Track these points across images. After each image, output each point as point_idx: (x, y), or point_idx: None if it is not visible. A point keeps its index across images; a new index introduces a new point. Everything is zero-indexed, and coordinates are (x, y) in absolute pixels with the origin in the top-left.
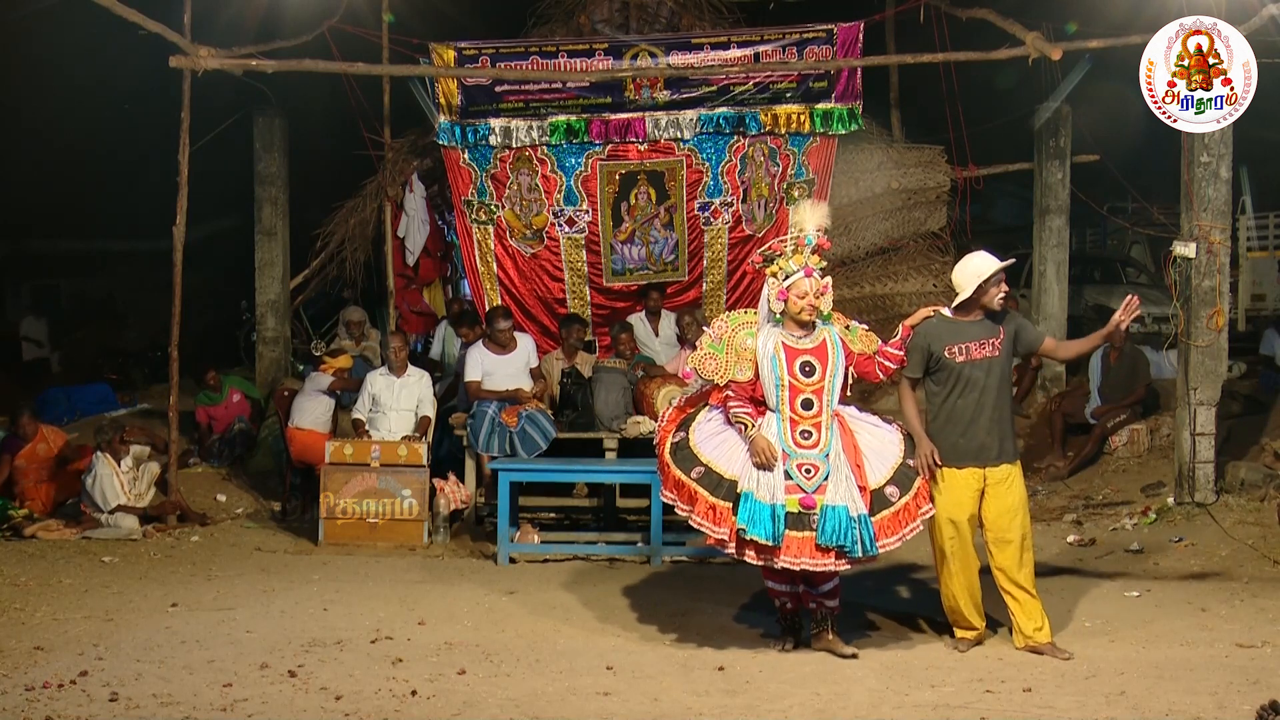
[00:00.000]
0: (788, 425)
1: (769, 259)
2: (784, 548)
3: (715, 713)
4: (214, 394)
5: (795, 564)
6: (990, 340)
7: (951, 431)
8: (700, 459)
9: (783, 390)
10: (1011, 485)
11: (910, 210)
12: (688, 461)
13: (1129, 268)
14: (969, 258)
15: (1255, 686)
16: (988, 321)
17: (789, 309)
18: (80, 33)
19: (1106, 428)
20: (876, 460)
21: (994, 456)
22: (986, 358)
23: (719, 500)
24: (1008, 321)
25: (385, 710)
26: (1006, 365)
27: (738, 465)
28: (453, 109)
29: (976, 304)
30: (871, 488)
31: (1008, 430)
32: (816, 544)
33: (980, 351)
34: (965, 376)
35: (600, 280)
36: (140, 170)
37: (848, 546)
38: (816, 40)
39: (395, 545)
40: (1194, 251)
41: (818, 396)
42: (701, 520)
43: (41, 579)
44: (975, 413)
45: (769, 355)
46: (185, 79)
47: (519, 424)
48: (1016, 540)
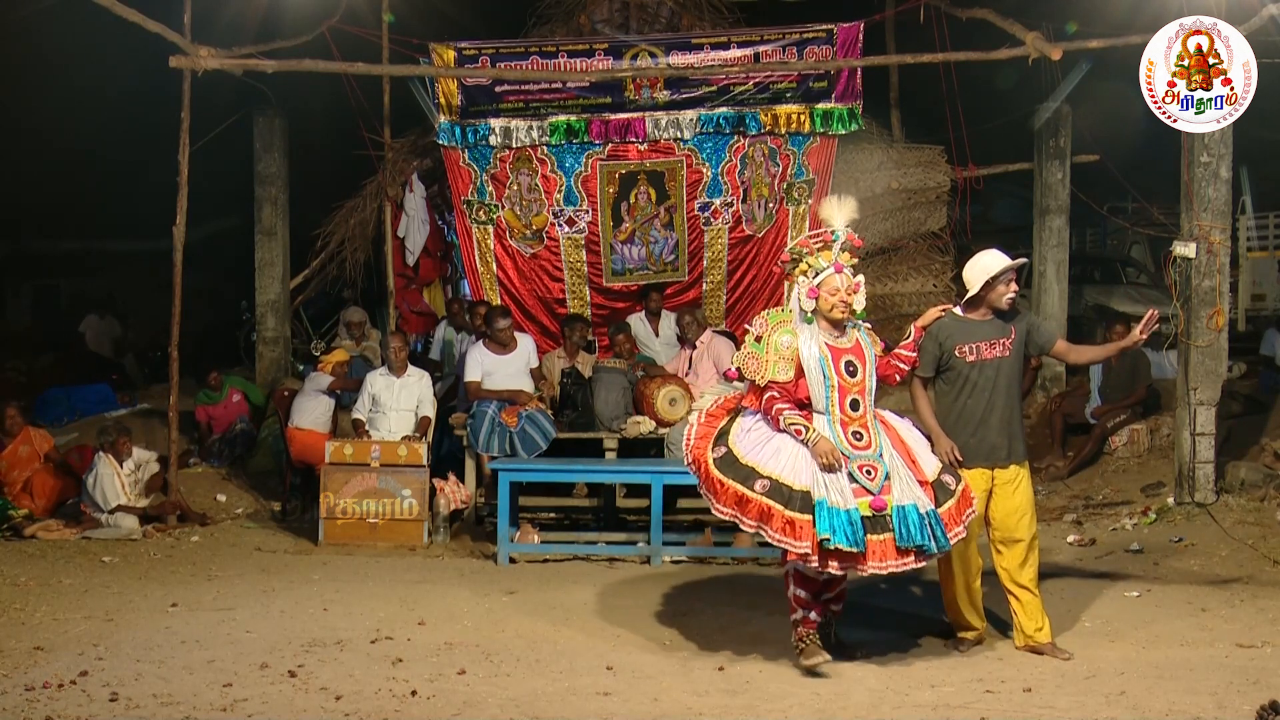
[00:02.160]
0: (839, 427)
1: (796, 258)
2: (869, 554)
3: (715, 713)
4: (214, 394)
5: (883, 568)
6: (1001, 340)
7: (963, 431)
8: (759, 471)
9: (833, 392)
10: (1019, 485)
11: (910, 210)
12: (744, 474)
13: (1129, 268)
14: (980, 255)
15: (1255, 686)
16: (999, 321)
17: (820, 307)
18: (80, 33)
19: (1106, 428)
20: (924, 453)
21: (1004, 457)
22: (997, 358)
23: (796, 514)
24: (1019, 321)
25: (385, 710)
26: (1017, 365)
27: (805, 474)
28: (453, 109)
29: (985, 302)
30: (930, 480)
31: (1017, 430)
32: (896, 546)
33: (991, 352)
34: (976, 376)
35: (600, 280)
36: (140, 170)
37: (925, 544)
38: (816, 40)
39: (395, 545)
40: (1194, 251)
41: (862, 396)
42: (780, 536)
43: (41, 579)
44: (986, 413)
45: (815, 356)
46: (185, 79)
47: (519, 424)
48: (1025, 540)
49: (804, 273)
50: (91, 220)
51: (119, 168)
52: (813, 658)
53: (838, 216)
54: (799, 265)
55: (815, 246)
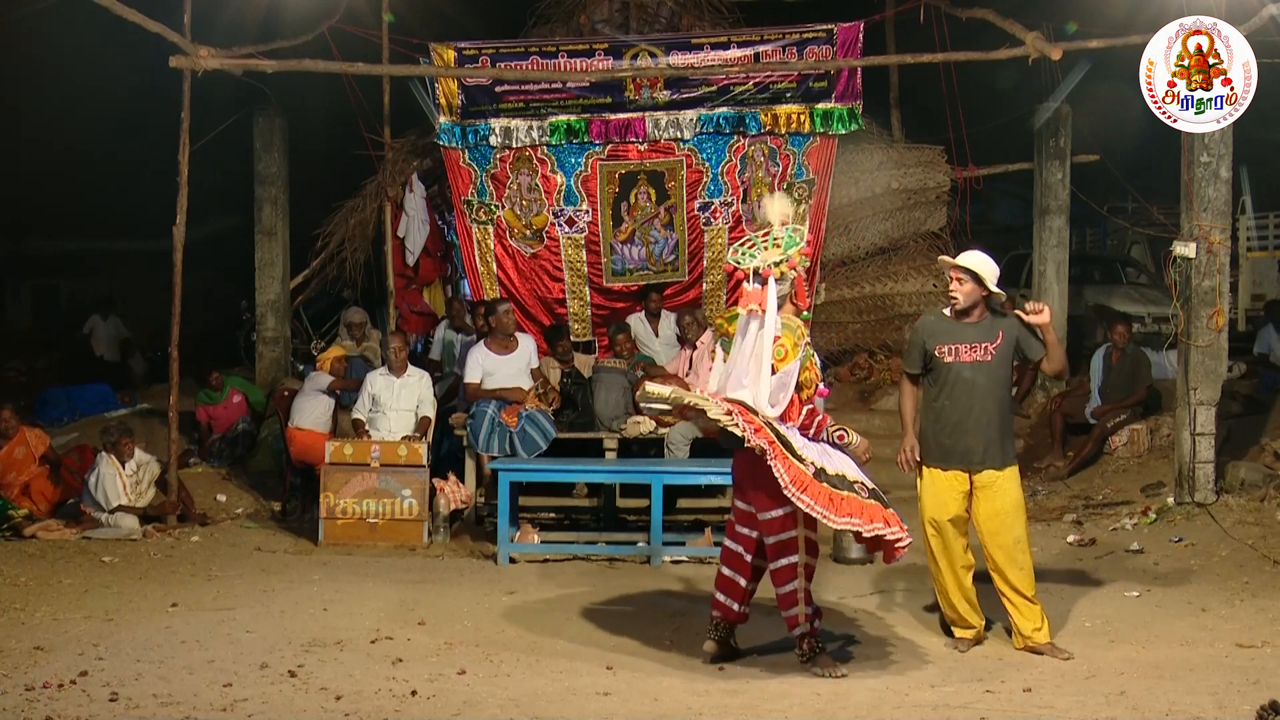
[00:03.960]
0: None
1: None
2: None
3: (715, 713)
4: (214, 394)
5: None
6: (983, 344)
7: (939, 431)
8: (847, 478)
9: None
10: (999, 490)
11: (910, 210)
12: (843, 484)
13: (1129, 268)
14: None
15: (1255, 686)
16: (985, 325)
17: (799, 305)
18: (80, 33)
19: (1106, 428)
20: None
21: (978, 460)
22: (977, 361)
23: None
24: (1009, 328)
25: (385, 710)
26: (1000, 371)
27: (860, 472)
28: (453, 109)
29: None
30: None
31: (996, 436)
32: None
33: (970, 354)
34: (953, 377)
35: (600, 280)
36: (140, 170)
37: None
38: (816, 40)
39: (395, 545)
40: (1194, 251)
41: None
42: (897, 530)
43: (41, 579)
44: (962, 415)
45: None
46: (185, 79)
47: (519, 424)
48: (1007, 544)
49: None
50: (91, 220)
51: (119, 168)
52: (839, 667)
53: (775, 214)
54: (780, 266)
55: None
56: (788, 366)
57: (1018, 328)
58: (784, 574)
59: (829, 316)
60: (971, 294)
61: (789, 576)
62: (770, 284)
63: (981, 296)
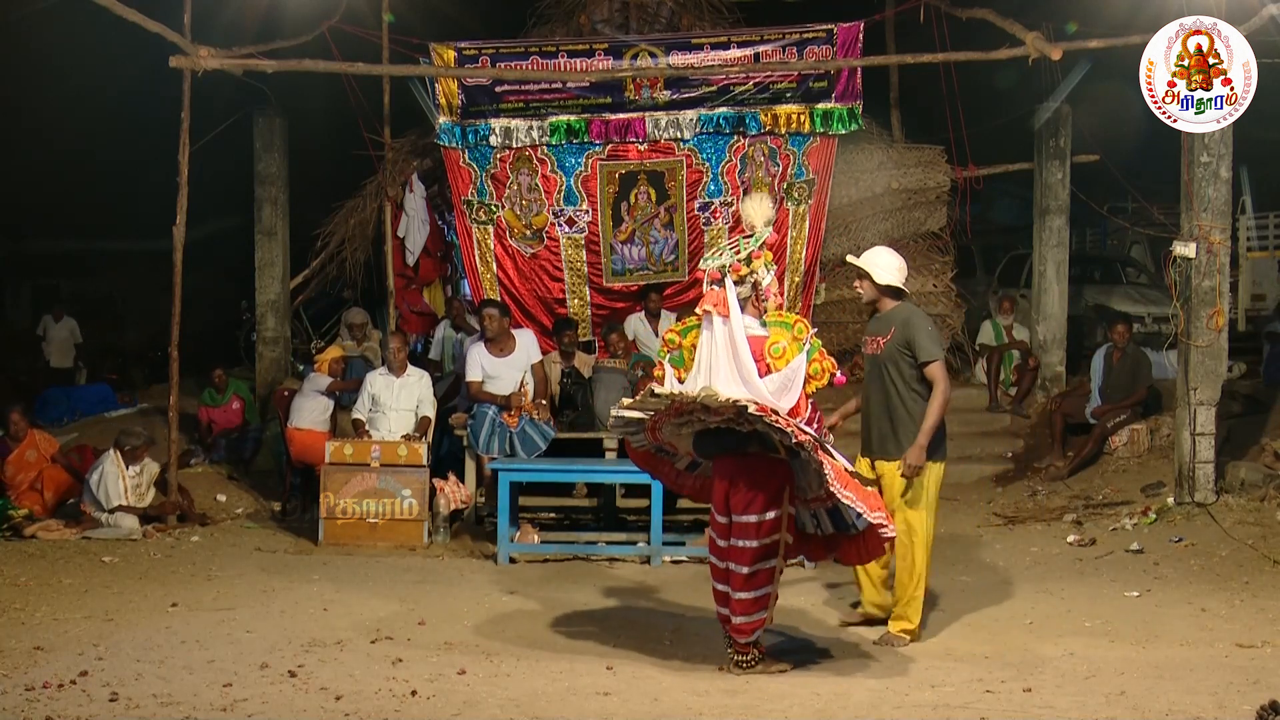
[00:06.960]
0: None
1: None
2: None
3: (715, 713)
4: (217, 394)
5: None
6: (878, 338)
7: (862, 418)
8: (863, 474)
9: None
10: (889, 481)
11: (910, 210)
12: (857, 475)
13: (1129, 268)
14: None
15: (1255, 686)
16: (884, 319)
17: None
18: (80, 33)
19: (1106, 428)
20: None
21: (875, 449)
22: (874, 354)
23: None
24: (902, 324)
25: (385, 710)
26: (891, 364)
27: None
28: (453, 109)
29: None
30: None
31: (889, 429)
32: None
33: (871, 347)
34: (866, 368)
35: (600, 280)
36: (140, 170)
37: None
38: (816, 40)
39: (395, 545)
40: (1194, 251)
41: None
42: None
43: (41, 579)
44: (867, 404)
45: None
46: (185, 79)
47: (519, 424)
48: (900, 529)
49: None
50: (91, 220)
51: (119, 168)
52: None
53: (758, 216)
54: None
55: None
56: (791, 364)
57: (912, 328)
58: (763, 578)
59: (829, 316)
60: (869, 290)
61: (767, 580)
62: (728, 284)
63: (880, 292)
